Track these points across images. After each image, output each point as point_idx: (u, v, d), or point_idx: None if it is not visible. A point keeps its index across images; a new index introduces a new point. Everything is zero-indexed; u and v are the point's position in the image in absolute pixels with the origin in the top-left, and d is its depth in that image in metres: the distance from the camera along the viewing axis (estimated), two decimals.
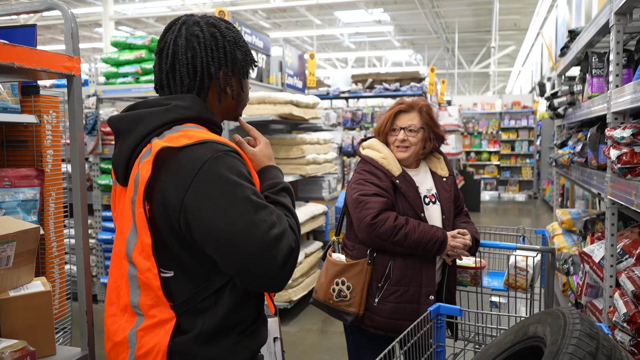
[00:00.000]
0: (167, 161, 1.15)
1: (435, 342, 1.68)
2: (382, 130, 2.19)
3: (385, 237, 1.98)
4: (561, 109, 4.12)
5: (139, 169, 1.18)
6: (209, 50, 1.26)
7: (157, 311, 1.19)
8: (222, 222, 1.10)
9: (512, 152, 13.05)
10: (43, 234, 2.32)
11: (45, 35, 16.24)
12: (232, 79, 1.30)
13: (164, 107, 1.22)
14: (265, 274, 1.11)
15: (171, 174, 1.14)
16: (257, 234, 1.10)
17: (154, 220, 1.16)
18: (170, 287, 1.18)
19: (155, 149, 1.15)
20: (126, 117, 1.25)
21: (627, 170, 2.12)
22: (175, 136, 1.18)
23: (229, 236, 1.10)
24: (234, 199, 1.11)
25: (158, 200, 1.15)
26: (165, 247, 1.17)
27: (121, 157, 1.24)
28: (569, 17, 6.67)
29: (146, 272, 1.18)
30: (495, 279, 2.66)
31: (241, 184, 1.13)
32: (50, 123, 2.37)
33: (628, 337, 2.08)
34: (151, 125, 1.21)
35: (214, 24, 1.29)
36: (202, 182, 1.11)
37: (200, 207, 1.11)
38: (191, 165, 1.12)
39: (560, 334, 1.07)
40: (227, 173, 1.13)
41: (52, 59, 1.46)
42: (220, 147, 1.16)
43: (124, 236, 1.23)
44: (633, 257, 2.32)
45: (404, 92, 7.66)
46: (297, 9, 13.31)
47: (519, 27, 16.29)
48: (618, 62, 2.41)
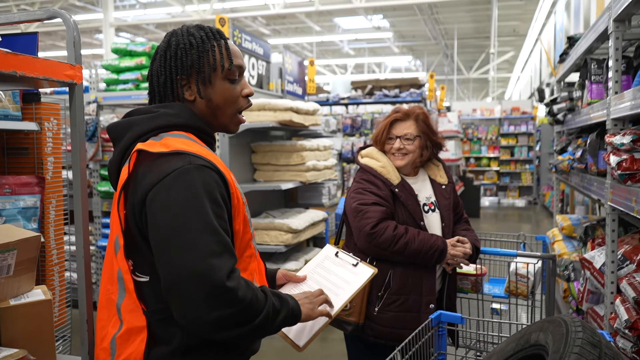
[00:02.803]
0: (142, 165, 1.16)
1: (436, 350, 1.67)
2: (379, 139, 2.19)
3: (385, 246, 1.98)
4: (560, 115, 4.13)
5: (121, 173, 1.22)
6: (162, 59, 1.28)
7: (132, 317, 1.18)
8: (165, 231, 1.09)
9: (511, 158, 13.06)
10: (43, 241, 2.31)
11: (46, 41, 16.28)
12: (193, 86, 1.28)
13: (152, 114, 1.25)
14: (184, 303, 1.06)
15: (141, 177, 1.15)
16: (191, 255, 1.07)
17: (127, 222, 1.17)
18: (143, 292, 1.17)
19: (134, 151, 1.18)
20: (119, 125, 1.28)
21: (627, 176, 2.12)
22: (156, 143, 1.19)
23: (165, 247, 1.09)
24: (186, 212, 1.09)
25: (130, 202, 1.16)
26: (139, 250, 1.17)
27: (113, 163, 1.28)
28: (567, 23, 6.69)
29: (125, 274, 1.19)
30: (496, 285, 2.66)
31: (201, 200, 1.11)
32: (51, 130, 2.38)
33: (630, 344, 2.08)
34: (138, 132, 1.23)
35: (190, 32, 1.28)
36: (164, 187, 1.11)
37: (154, 211, 1.11)
38: (160, 172, 1.13)
39: (563, 342, 1.07)
40: (191, 185, 1.11)
41: (54, 67, 1.46)
42: (195, 161, 1.14)
43: (113, 239, 1.24)
44: (634, 263, 2.32)
45: (403, 99, 7.67)
46: (296, 15, 13.36)
47: (517, 33, 16.35)
48: (617, 69, 2.42)
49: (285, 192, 4.95)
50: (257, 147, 4.31)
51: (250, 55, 4.51)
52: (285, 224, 3.99)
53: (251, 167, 4.36)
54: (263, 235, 4.02)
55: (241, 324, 1.11)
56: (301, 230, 4.11)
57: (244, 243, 1.26)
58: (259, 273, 1.34)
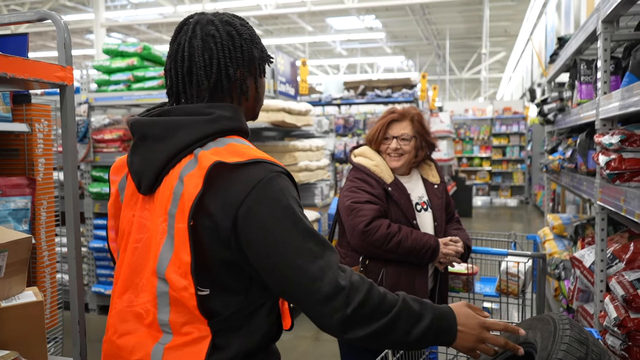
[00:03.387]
0: (218, 177, 1.08)
1: (428, 348, 1.68)
2: (375, 139, 2.20)
3: (378, 244, 1.99)
4: (551, 115, 4.16)
5: (181, 180, 1.09)
6: (227, 51, 1.17)
7: (192, 328, 1.11)
8: (268, 244, 1.07)
9: (503, 158, 13.13)
10: (34, 243, 2.31)
11: (37, 42, 16.18)
12: (249, 79, 1.23)
13: (209, 117, 1.14)
14: (308, 305, 1.07)
15: (222, 191, 1.08)
16: (301, 263, 1.06)
17: (198, 237, 1.08)
18: (207, 305, 1.11)
19: (206, 162, 1.07)
20: (160, 123, 1.15)
21: (615, 176, 2.14)
22: (222, 150, 1.11)
23: (273, 261, 1.07)
24: (284, 222, 1.07)
25: (204, 216, 1.07)
26: (204, 265, 1.10)
27: (152, 164, 1.14)
28: (558, 23, 6.74)
29: (181, 291, 1.09)
30: (487, 284, 2.68)
31: (292, 206, 1.09)
32: (41, 132, 2.37)
33: (619, 342, 2.10)
34: (195, 135, 1.12)
35: (229, 21, 1.21)
36: (254, 202, 1.06)
37: (250, 228, 1.07)
38: (244, 184, 1.07)
39: (551, 340, 1.09)
40: (279, 194, 1.08)
41: (45, 69, 1.46)
42: (273, 168, 1.11)
43: (151, 250, 1.13)
44: (623, 261, 2.34)
45: (395, 99, 7.69)
46: (289, 16, 13.36)
47: (509, 33, 16.45)
48: (606, 70, 2.45)
49: None
50: None
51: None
52: None
53: None
54: None
55: (370, 320, 1.08)
56: None
57: None
58: None
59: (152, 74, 4.32)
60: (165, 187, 1.12)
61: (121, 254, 1.23)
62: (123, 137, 4.41)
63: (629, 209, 1.97)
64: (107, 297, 4.44)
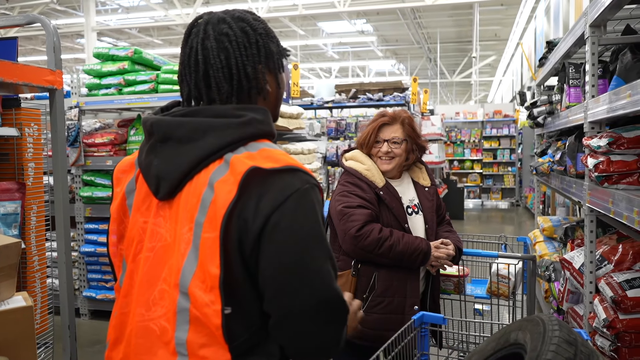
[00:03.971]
0: (253, 183, 1.00)
1: (419, 350, 1.69)
2: (366, 143, 2.21)
3: (370, 249, 2.00)
4: (540, 118, 4.20)
5: (211, 187, 1.01)
6: (243, 48, 1.10)
7: (210, 352, 1.00)
8: (292, 260, 1.00)
9: (494, 161, 13.21)
10: (24, 247, 2.29)
11: (27, 46, 16.07)
12: (268, 76, 1.16)
13: (241, 120, 1.06)
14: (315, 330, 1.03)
15: (256, 197, 1.00)
16: (318, 283, 1.02)
17: (228, 248, 1.00)
18: (229, 325, 1.01)
19: (241, 168, 1.00)
20: (187, 124, 1.06)
21: (604, 178, 2.16)
22: (256, 155, 1.03)
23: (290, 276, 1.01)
24: (311, 240, 1.02)
25: (236, 225, 1.00)
26: (230, 280, 1.01)
27: (176, 167, 1.05)
28: (547, 28, 6.80)
29: (204, 308, 0.99)
30: (478, 286, 2.69)
31: (320, 225, 1.05)
32: (31, 136, 2.35)
33: (608, 343, 2.12)
34: (227, 138, 1.04)
35: (241, 17, 1.14)
36: (288, 212, 1.00)
37: (276, 239, 1.00)
38: (280, 192, 1.00)
39: (540, 341, 1.09)
40: (312, 209, 1.03)
41: (34, 73, 1.45)
42: (309, 179, 1.05)
43: (168, 260, 1.05)
44: (612, 263, 2.36)
45: (387, 102, 7.72)
46: (280, 19, 13.38)
47: (499, 37, 16.58)
48: (594, 73, 2.47)
49: None
50: None
51: None
52: None
53: None
54: None
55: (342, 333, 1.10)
56: None
57: None
58: None
59: (143, 77, 4.31)
60: (190, 194, 1.04)
61: (129, 263, 1.13)
62: (114, 140, 4.39)
63: (617, 210, 1.99)
64: (98, 302, 4.41)
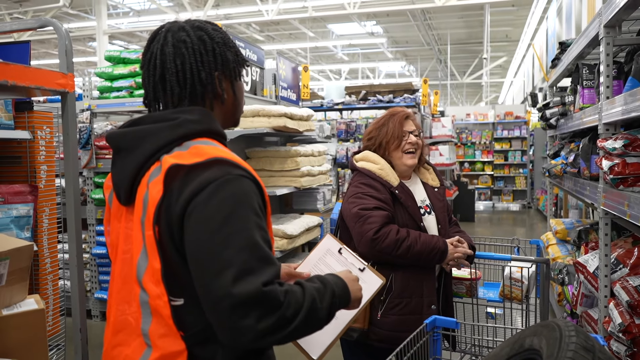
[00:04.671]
0: (177, 180, 1.07)
1: (431, 354, 1.67)
2: (391, 139, 2.16)
3: (388, 251, 1.98)
4: (553, 120, 4.15)
5: (148, 188, 1.10)
6: (198, 55, 1.18)
7: (166, 342, 1.09)
8: (205, 249, 1.03)
9: (505, 162, 13.12)
10: (37, 250, 2.30)
11: (39, 49, 16.25)
12: (224, 83, 1.24)
13: (172, 122, 1.14)
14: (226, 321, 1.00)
15: (178, 193, 1.06)
16: (230, 274, 1.00)
17: (163, 242, 1.08)
18: (181, 316, 1.09)
19: (165, 166, 1.08)
20: (129, 133, 1.16)
21: (619, 180, 2.13)
22: (185, 153, 1.10)
23: (204, 265, 1.03)
24: (226, 229, 1.03)
25: (165, 220, 1.07)
26: (174, 273, 1.09)
27: (125, 175, 1.15)
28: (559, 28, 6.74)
29: (156, 299, 1.08)
30: (490, 290, 2.66)
31: (241, 215, 1.05)
32: (44, 139, 2.37)
33: (624, 348, 2.09)
34: (160, 142, 1.12)
35: (200, 27, 1.22)
36: (202, 201, 1.04)
37: (192, 227, 1.05)
38: (198, 184, 1.05)
39: (556, 347, 1.07)
40: (231, 199, 1.05)
41: (46, 76, 1.46)
42: (231, 170, 1.08)
43: (134, 259, 1.13)
44: (627, 267, 2.33)
45: (397, 104, 7.69)
46: (290, 22, 13.40)
47: (510, 38, 16.48)
48: (608, 74, 2.44)
49: (280, 197, 4.95)
50: (251, 153, 4.31)
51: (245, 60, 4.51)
52: (280, 229, 3.98)
53: None
54: None
55: (284, 326, 1.05)
56: (296, 235, 4.11)
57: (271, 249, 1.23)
58: None
59: None
60: (138, 197, 1.13)
61: (112, 265, 1.24)
62: None
63: (633, 214, 1.96)
64: None
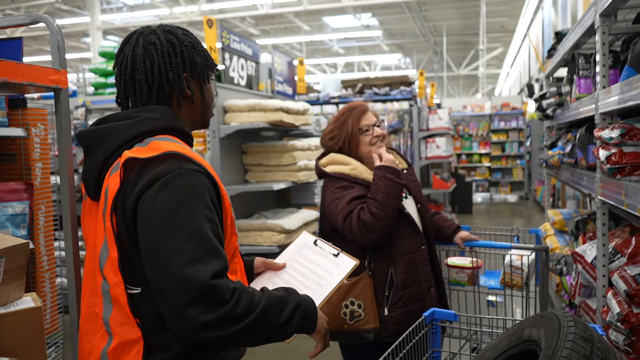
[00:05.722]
0: (132, 172, 1.14)
1: (431, 347, 1.67)
2: (351, 137, 2.12)
3: (370, 224, 1.94)
4: (550, 110, 4.15)
5: (108, 182, 1.17)
6: (167, 56, 1.25)
7: (124, 330, 1.15)
8: (153, 237, 1.09)
9: (502, 154, 13.12)
10: (33, 248, 2.29)
11: (33, 46, 16.15)
12: (192, 84, 1.30)
13: (134, 120, 1.21)
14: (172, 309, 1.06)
15: (132, 185, 1.13)
16: (177, 262, 1.06)
17: (120, 232, 1.15)
18: (137, 304, 1.16)
19: (122, 160, 1.15)
20: (95, 132, 1.23)
21: (616, 170, 2.13)
22: (144, 148, 1.17)
23: (152, 253, 1.09)
24: (174, 219, 1.09)
25: (121, 211, 1.14)
26: (130, 262, 1.15)
27: (92, 172, 1.23)
28: (555, 18, 6.73)
29: (115, 288, 1.16)
30: (491, 278, 2.69)
31: (191, 206, 1.11)
32: (38, 136, 2.35)
33: (622, 337, 2.09)
34: (121, 139, 1.20)
35: (171, 31, 1.29)
36: (154, 193, 1.10)
37: (143, 217, 1.11)
38: (151, 177, 1.12)
39: (555, 338, 1.07)
40: (181, 191, 1.11)
41: (39, 72, 1.45)
42: (184, 165, 1.14)
43: (97, 251, 1.20)
44: (625, 256, 2.33)
45: (393, 97, 7.69)
46: (285, 15, 13.35)
47: (506, 29, 16.44)
48: (604, 64, 2.43)
49: (277, 192, 4.94)
50: (248, 148, 4.30)
51: (239, 56, 4.49)
52: (278, 224, 3.98)
53: (242, 168, 4.35)
54: (256, 236, 4.00)
55: (229, 324, 1.09)
56: (294, 230, 4.10)
57: (232, 244, 1.27)
58: (240, 270, 1.34)
59: None
60: (102, 191, 1.20)
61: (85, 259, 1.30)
62: None
63: (631, 203, 1.96)
64: None
